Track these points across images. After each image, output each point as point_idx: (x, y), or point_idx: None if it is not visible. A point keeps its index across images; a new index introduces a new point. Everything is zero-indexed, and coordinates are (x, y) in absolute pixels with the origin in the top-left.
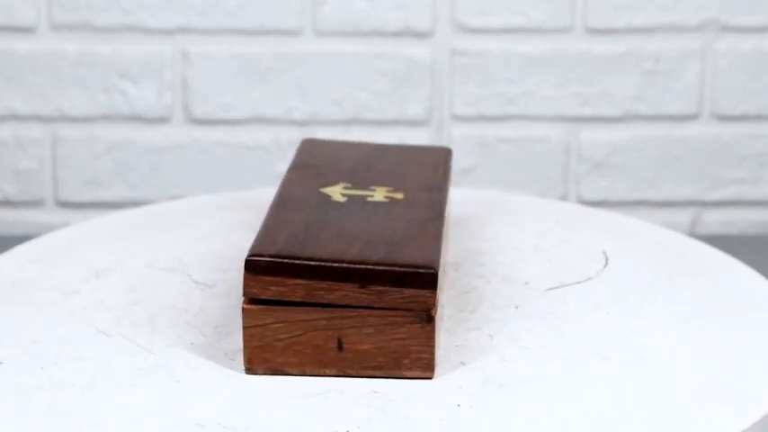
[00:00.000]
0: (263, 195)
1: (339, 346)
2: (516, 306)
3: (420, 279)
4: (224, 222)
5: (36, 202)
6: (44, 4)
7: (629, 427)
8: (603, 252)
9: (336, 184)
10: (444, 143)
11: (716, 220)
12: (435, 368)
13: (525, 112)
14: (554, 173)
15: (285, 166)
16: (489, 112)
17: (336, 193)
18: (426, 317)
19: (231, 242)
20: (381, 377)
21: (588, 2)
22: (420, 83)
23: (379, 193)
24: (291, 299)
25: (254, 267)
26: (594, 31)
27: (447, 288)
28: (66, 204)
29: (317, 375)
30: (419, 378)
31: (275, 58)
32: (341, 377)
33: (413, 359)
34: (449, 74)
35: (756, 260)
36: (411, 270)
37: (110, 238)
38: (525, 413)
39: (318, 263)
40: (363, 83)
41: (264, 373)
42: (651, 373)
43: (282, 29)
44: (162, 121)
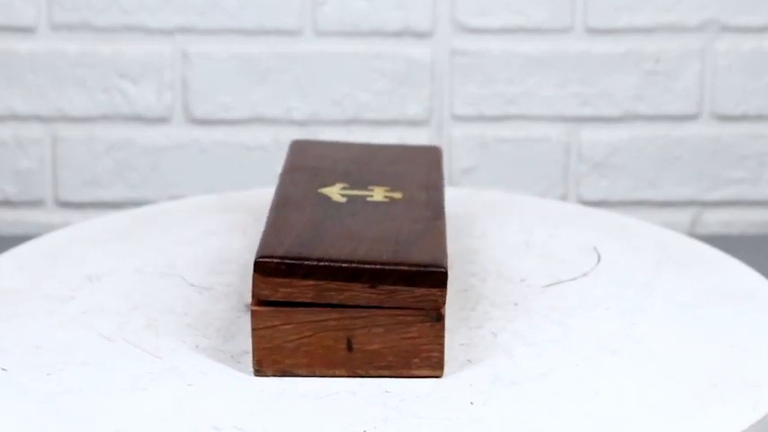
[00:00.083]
0: (252, 196)
1: (349, 347)
2: (516, 303)
3: (430, 278)
4: (214, 225)
5: (36, 202)
6: (44, 4)
7: (647, 419)
8: (595, 248)
9: (334, 184)
10: (444, 143)
11: (716, 220)
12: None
13: (525, 112)
14: (554, 173)
15: None
16: (489, 112)
17: (335, 193)
18: (436, 315)
19: (223, 244)
20: (391, 377)
21: (588, 2)
22: (420, 83)
23: (377, 193)
24: (301, 300)
25: (263, 269)
26: (594, 31)
27: None
28: (66, 204)
29: (326, 376)
30: (428, 377)
31: (275, 58)
32: (350, 377)
33: (423, 358)
34: (449, 74)
35: (756, 260)
36: (422, 269)
37: (99, 242)
38: (540, 410)
39: (328, 263)
40: (363, 83)
41: (273, 375)
42: (661, 366)
43: (282, 29)
44: (162, 121)
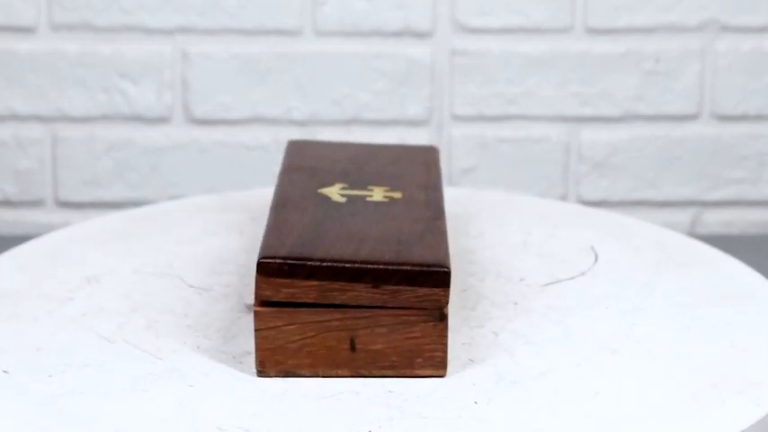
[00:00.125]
0: (249, 197)
1: (352, 347)
2: (515, 303)
3: (434, 278)
4: (212, 225)
5: (36, 202)
6: (44, 4)
7: (648, 419)
8: (592, 248)
9: (333, 184)
10: (444, 143)
11: (716, 220)
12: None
13: (525, 112)
14: (554, 173)
15: None
16: (489, 112)
17: (335, 193)
18: (439, 315)
19: (220, 245)
20: (394, 377)
21: (588, 2)
22: (420, 83)
23: (377, 193)
24: (304, 300)
25: (266, 269)
26: (594, 31)
27: None
28: (66, 204)
29: (329, 377)
30: (431, 377)
31: (275, 58)
32: (353, 378)
33: (426, 358)
34: (449, 74)
35: (756, 260)
36: (425, 269)
37: (98, 242)
38: (543, 409)
39: (332, 263)
40: (363, 83)
41: (276, 376)
42: (661, 366)
43: (282, 29)
44: (162, 121)
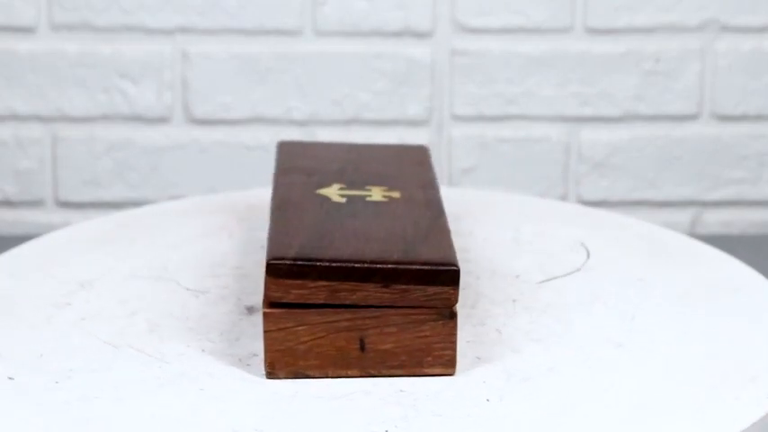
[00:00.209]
0: (233, 198)
1: (361, 347)
2: (514, 300)
3: (443, 276)
4: (199, 227)
5: (36, 202)
6: (44, 4)
7: (663, 412)
8: (582, 244)
9: (331, 185)
10: (444, 143)
11: (716, 220)
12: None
13: (525, 112)
14: (554, 173)
15: None
16: (489, 112)
17: (334, 194)
18: (449, 313)
19: (211, 247)
20: (403, 376)
21: (588, 2)
22: (420, 83)
23: (376, 193)
24: (313, 301)
25: (275, 271)
26: (594, 31)
27: None
28: (66, 204)
29: (338, 377)
30: (441, 375)
31: (275, 58)
32: (362, 378)
33: (435, 356)
34: (449, 74)
35: (756, 260)
36: (434, 268)
37: (85, 247)
38: (556, 405)
39: (341, 264)
40: (363, 83)
41: (285, 377)
42: (667, 359)
43: (282, 29)
44: (162, 121)
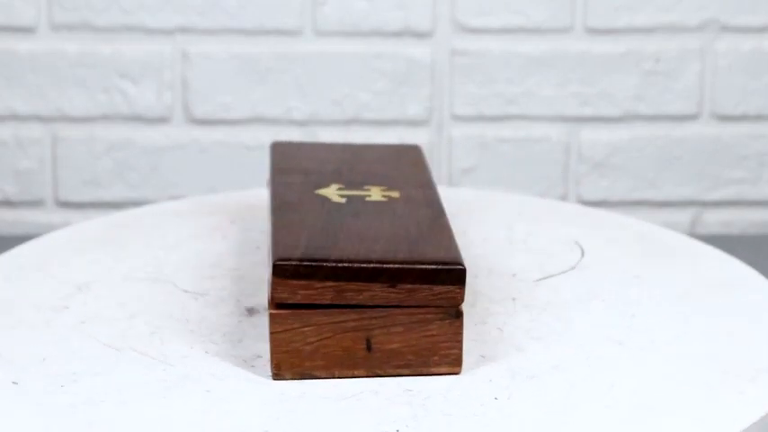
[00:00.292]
0: (225, 199)
1: (368, 347)
2: (513, 298)
3: (450, 275)
4: (192, 229)
5: (36, 202)
6: (44, 4)
7: (670, 407)
8: (576, 242)
9: (329, 185)
10: (444, 143)
11: (716, 220)
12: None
13: (525, 112)
14: (554, 173)
15: None
16: (489, 112)
17: (333, 194)
18: (455, 312)
19: (204, 248)
20: (409, 375)
21: (588, 2)
22: (420, 83)
23: (375, 193)
24: (320, 302)
25: (282, 272)
26: (594, 31)
27: None
28: (66, 204)
29: (344, 377)
30: (447, 374)
31: (275, 58)
32: (369, 377)
33: (442, 355)
34: (449, 74)
35: (756, 260)
36: (441, 267)
37: (79, 250)
38: (563, 402)
39: (348, 264)
40: (363, 83)
41: (292, 378)
42: (669, 355)
43: (282, 29)
44: (162, 121)
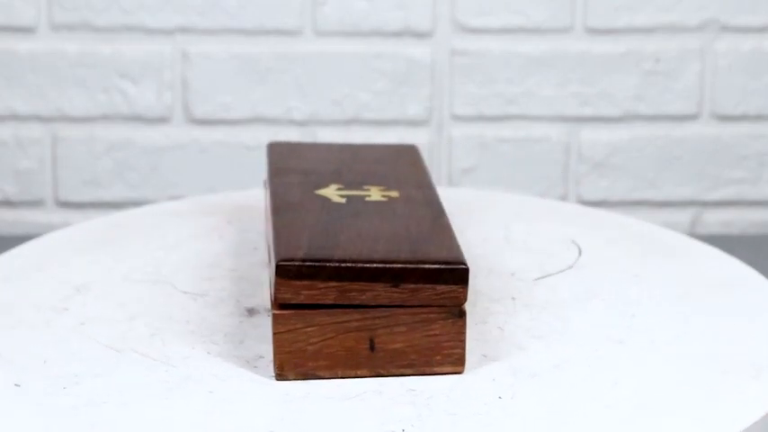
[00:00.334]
0: (222, 199)
1: (371, 347)
2: (513, 298)
3: (453, 275)
4: (190, 229)
5: (36, 202)
6: (44, 4)
7: (672, 406)
8: (573, 241)
9: (328, 185)
10: (444, 143)
11: (716, 220)
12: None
13: (525, 112)
14: (554, 173)
15: None
16: (489, 112)
17: (333, 194)
18: (458, 312)
19: (202, 249)
20: (412, 375)
21: (588, 2)
22: (420, 83)
23: (374, 193)
24: (323, 302)
25: (285, 272)
26: (594, 31)
27: None
28: (66, 204)
29: (347, 377)
30: (450, 373)
31: (275, 58)
32: (372, 377)
33: (444, 355)
34: (449, 74)
35: (756, 260)
36: (444, 267)
37: (77, 251)
38: (567, 401)
39: (351, 264)
40: (363, 83)
41: (295, 379)
42: (670, 354)
43: (282, 29)
44: (162, 121)
